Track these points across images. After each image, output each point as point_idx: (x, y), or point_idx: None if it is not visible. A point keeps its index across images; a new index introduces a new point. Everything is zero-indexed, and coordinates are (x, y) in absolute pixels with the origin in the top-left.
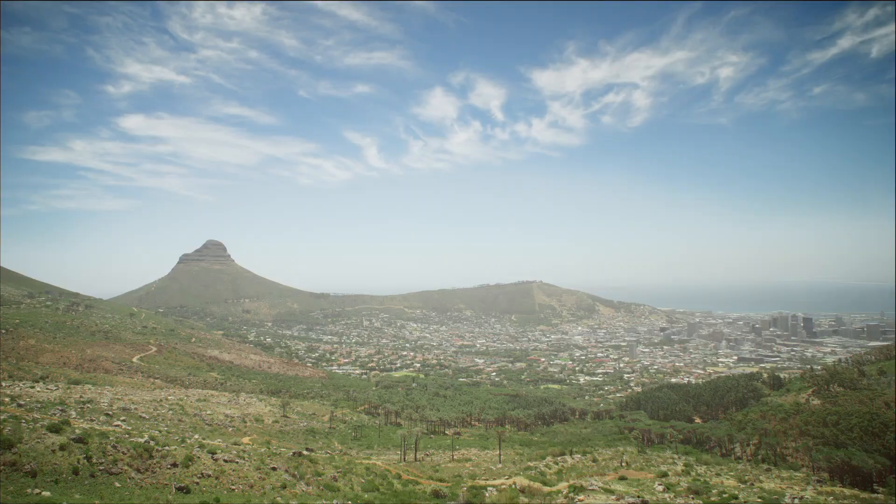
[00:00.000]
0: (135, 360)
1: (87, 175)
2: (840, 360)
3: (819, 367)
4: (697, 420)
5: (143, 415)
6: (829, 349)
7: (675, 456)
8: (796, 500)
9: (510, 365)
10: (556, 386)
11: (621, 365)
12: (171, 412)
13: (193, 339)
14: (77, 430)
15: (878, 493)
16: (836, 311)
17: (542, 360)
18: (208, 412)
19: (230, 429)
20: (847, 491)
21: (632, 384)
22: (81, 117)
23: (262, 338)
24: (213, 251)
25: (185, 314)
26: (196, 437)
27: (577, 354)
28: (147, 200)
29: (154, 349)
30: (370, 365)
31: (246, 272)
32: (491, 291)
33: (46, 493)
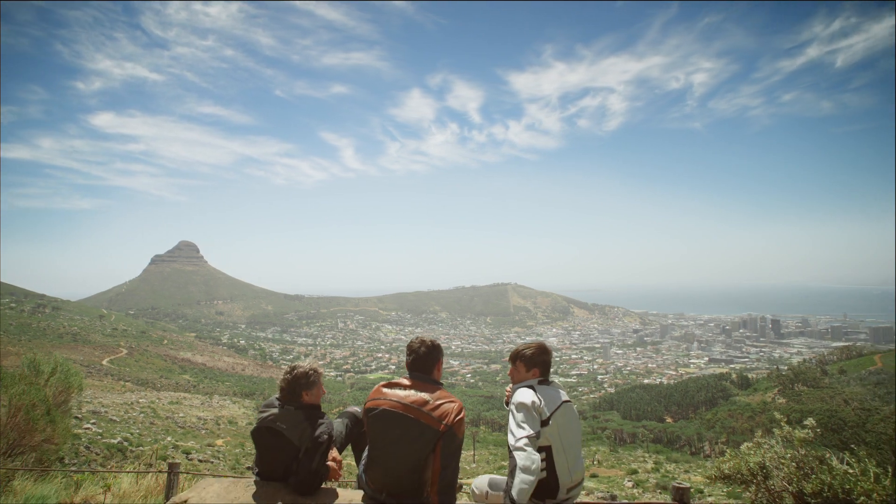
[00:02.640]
0: (104, 362)
1: (55, 173)
2: (805, 360)
3: (785, 368)
4: (669, 419)
5: (114, 417)
6: (795, 350)
7: (646, 454)
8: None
9: (485, 367)
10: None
11: (595, 366)
12: (142, 415)
13: (165, 342)
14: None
15: None
16: (803, 312)
17: None
18: (181, 415)
19: (203, 431)
20: None
21: (605, 385)
22: (49, 114)
23: (235, 340)
24: (185, 252)
25: (157, 316)
26: (169, 438)
27: (552, 356)
28: (118, 200)
29: (125, 351)
30: (345, 367)
31: (219, 273)
32: (466, 293)
33: None
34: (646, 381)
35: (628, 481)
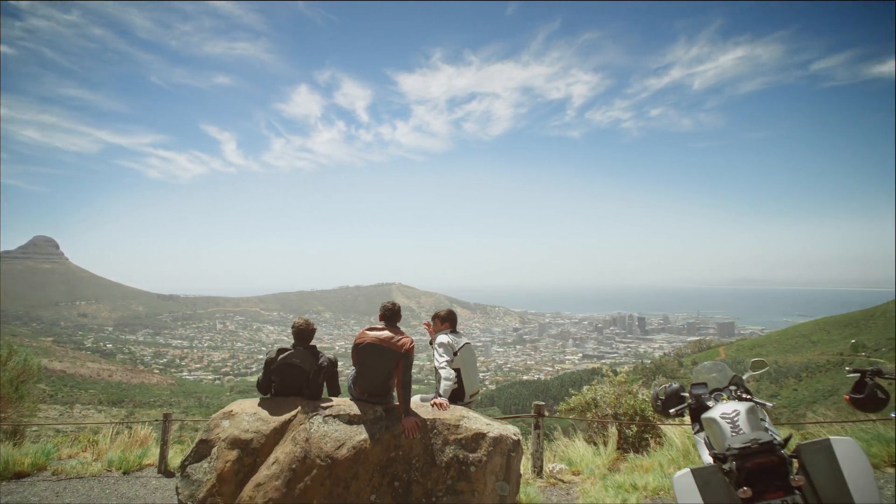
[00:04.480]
0: None
1: None
2: (665, 353)
3: (648, 361)
4: (546, 413)
5: None
6: (657, 345)
7: (525, 446)
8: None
9: None
10: (414, 385)
11: (477, 364)
12: None
13: (15, 348)
14: None
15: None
16: (664, 310)
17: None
18: (33, 428)
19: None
20: None
21: (487, 382)
22: None
23: (101, 343)
24: (42, 248)
25: (5, 319)
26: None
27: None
28: None
29: None
30: (224, 370)
31: (83, 272)
32: (350, 293)
33: None
34: (525, 377)
35: None
